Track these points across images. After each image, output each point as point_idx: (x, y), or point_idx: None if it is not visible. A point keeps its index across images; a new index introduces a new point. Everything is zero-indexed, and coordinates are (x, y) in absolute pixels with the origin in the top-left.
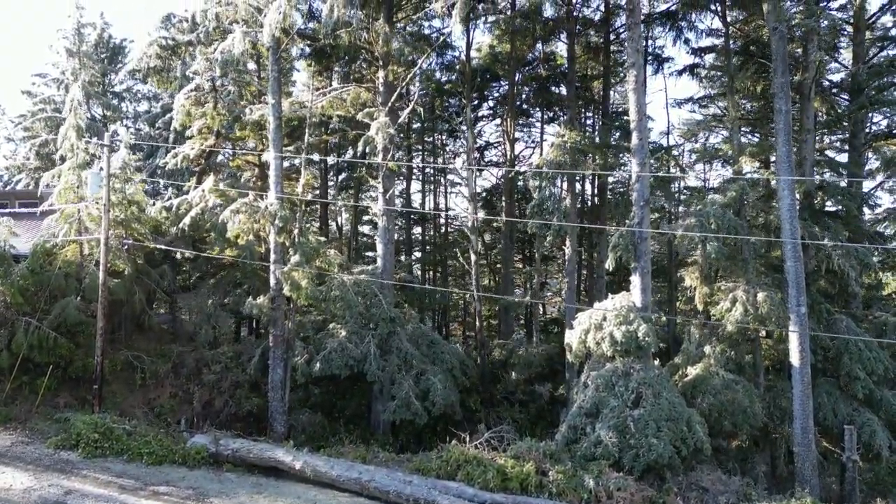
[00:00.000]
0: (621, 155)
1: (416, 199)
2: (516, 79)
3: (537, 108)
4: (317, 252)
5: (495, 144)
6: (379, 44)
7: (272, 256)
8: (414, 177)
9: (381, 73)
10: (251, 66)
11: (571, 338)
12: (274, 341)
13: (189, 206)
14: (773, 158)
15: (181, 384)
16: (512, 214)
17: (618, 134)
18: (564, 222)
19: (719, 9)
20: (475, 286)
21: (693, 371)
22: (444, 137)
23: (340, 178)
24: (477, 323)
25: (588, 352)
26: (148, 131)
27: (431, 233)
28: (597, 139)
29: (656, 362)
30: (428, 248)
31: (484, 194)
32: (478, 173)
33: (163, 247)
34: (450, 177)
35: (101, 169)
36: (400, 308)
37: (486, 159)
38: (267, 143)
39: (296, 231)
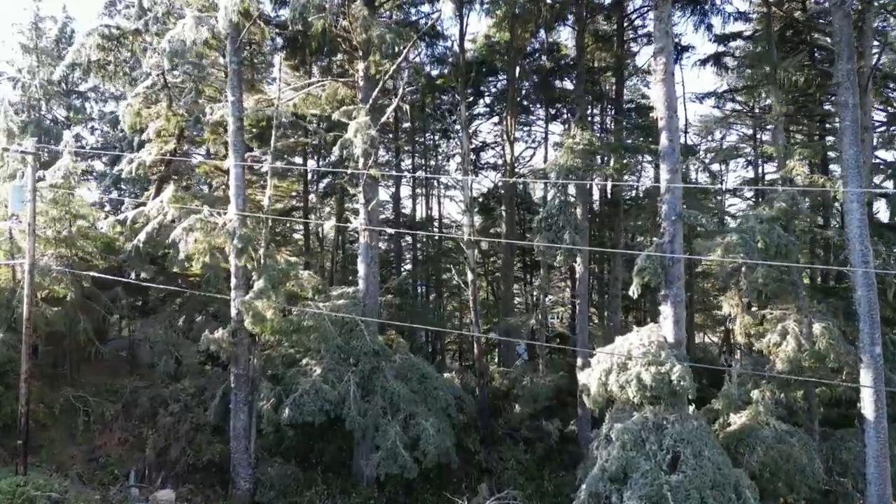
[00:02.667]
0: (639, 157)
1: (407, 203)
2: (516, 72)
3: (539, 105)
4: (286, 275)
5: (493, 145)
6: (356, 30)
7: (233, 281)
8: (404, 180)
9: (360, 66)
10: (221, 60)
11: (589, 379)
12: (236, 382)
13: (146, 219)
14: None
15: (133, 428)
16: (513, 222)
17: (632, 132)
18: (577, 239)
19: None
20: (473, 310)
21: (737, 419)
22: (436, 137)
23: (324, 183)
24: (475, 349)
25: (610, 396)
26: (115, 133)
27: (424, 240)
28: (610, 138)
29: (691, 408)
30: (420, 254)
31: (481, 199)
32: (474, 176)
33: (98, 275)
34: (444, 179)
35: (28, 181)
36: (386, 335)
37: (482, 161)
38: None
39: (261, 251)
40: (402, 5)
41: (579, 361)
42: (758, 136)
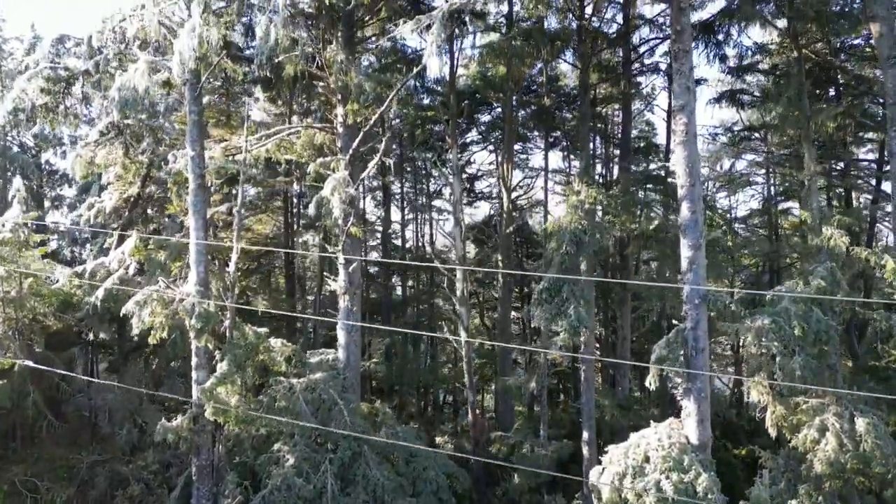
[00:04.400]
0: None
1: (396, 222)
2: (512, 108)
3: (536, 132)
4: (256, 348)
5: (486, 175)
6: (333, 76)
7: (194, 360)
8: (394, 205)
9: (339, 110)
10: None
11: (600, 481)
12: (198, 474)
13: (106, 271)
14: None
15: None
16: (509, 276)
17: (641, 181)
18: (583, 313)
19: (787, 27)
20: (467, 373)
21: None
22: (428, 165)
23: (308, 211)
24: (470, 415)
25: None
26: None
27: (413, 269)
28: (614, 175)
29: None
30: (410, 289)
31: (476, 230)
32: (468, 207)
33: (34, 365)
34: (436, 202)
35: None
36: (370, 404)
37: (476, 189)
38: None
39: (226, 322)
40: (386, 35)
41: (585, 435)
42: (769, 159)
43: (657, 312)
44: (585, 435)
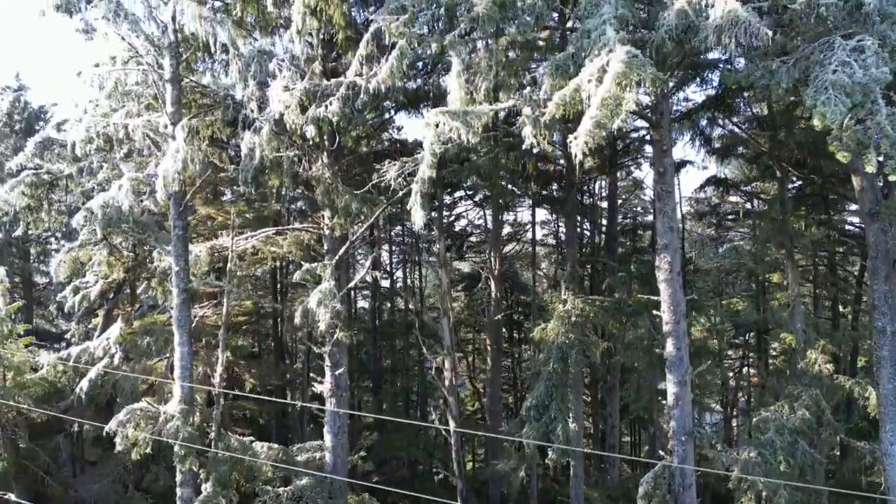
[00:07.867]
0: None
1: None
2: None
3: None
4: (241, 461)
5: (474, 231)
6: (319, 195)
7: (178, 476)
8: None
9: (326, 213)
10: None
11: None
12: None
13: (91, 358)
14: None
15: None
16: (499, 355)
17: (627, 280)
18: (572, 431)
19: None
20: (456, 462)
21: None
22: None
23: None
24: (458, 501)
25: None
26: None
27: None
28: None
29: None
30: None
31: (464, 282)
32: (455, 259)
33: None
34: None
35: None
36: (357, 497)
37: (464, 244)
38: None
39: (212, 434)
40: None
41: None
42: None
43: (646, 403)
44: None
